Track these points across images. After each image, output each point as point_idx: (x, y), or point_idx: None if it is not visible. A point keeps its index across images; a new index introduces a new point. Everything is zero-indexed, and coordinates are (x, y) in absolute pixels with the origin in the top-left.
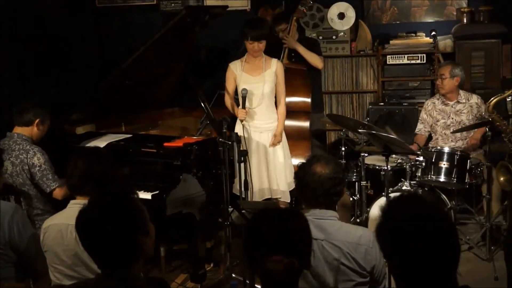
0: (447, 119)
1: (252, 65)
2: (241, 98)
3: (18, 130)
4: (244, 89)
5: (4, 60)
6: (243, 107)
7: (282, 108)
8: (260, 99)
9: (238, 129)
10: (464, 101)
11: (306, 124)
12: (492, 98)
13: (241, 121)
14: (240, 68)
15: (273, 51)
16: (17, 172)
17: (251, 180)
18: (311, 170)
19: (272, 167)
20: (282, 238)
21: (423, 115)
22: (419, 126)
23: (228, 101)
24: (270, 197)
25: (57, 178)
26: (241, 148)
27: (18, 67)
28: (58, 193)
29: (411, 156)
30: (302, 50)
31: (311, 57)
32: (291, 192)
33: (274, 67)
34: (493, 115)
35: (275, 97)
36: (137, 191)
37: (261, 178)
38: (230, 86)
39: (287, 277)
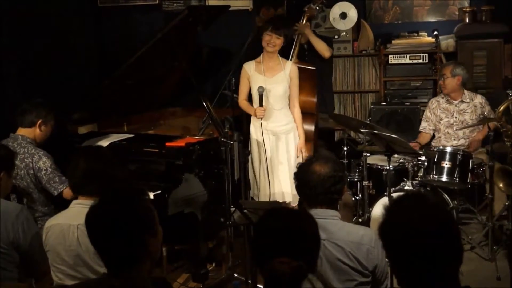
0: (451, 118)
1: (267, 66)
2: (257, 96)
3: (21, 131)
4: (260, 87)
5: (6, 59)
6: (261, 105)
7: (298, 112)
8: (276, 101)
9: (253, 129)
10: (468, 100)
11: (311, 123)
12: (500, 106)
13: (260, 119)
14: (254, 68)
15: (283, 49)
16: (21, 175)
17: (260, 181)
18: (310, 169)
19: (282, 170)
20: (293, 239)
21: (427, 113)
22: (423, 124)
23: (241, 102)
24: (278, 200)
25: (65, 179)
26: (253, 147)
27: (20, 67)
28: (67, 193)
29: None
30: (311, 36)
31: (319, 44)
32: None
33: (288, 69)
34: (502, 121)
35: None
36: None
37: (275, 181)
38: (243, 87)
39: (293, 279)
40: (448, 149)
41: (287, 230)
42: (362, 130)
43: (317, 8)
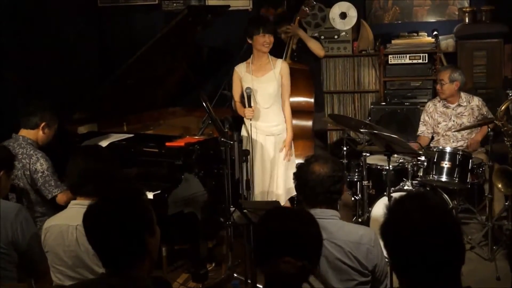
0: (448, 121)
1: (258, 66)
2: (245, 97)
3: (23, 132)
4: (248, 88)
5: (7, 59)
6: (249, 105)
7: (287, 111)
8: (265, 100)
9: (245, 129)
10: (465, 103)
11: (309, 123)
12: (501, 105)
13: (250, 119)
14: (244, 70)
15: (276, 52)
16: (18, 176)
17: (253, 180)
18: (309, 169)
19: (275, 170)
20: (297, 240)
21: (424, 117)
22: (421, 128)
23: (236, 103)
24: (271, 199)
25: (60, 184)
26: (246, 148)
27: (20, 67)
28: (61, 198)
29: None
30: (305, 37)
31: (313, 44)
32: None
33: (279, 68)
34: (503, 121)
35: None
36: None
37: (264, 181)
38: (236, 89)
39: (297, 279)
40: (448, 149)
41: (291, 231)
42: (361, 130)
43: (308, 9)
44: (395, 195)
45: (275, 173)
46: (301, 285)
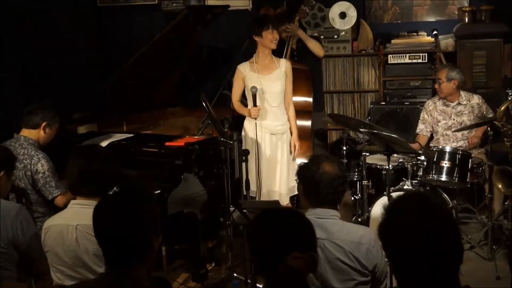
0: (448, 120)
1: (263, 65)
2: (251, 96)
3: (25, 132)
4: (253, 87)
5: (7, 60)
6: (254, 105)
7: (292, 110)
8: (273, 99)
9: (248, 128)
10: (465, 102)
11: (308, 123)
12: (501, 106)
13: (255, 119)
14: (248, 69)
15: (275, 52)
16: (19, 176)
17: (260, 180)
18: (320, 169)
19: (278, 169)
20: (295, 234)
21: (423, 115)
22: (420, 126)
23: (235, 103)
24: (275, 198)
25: (60, 185)
26: (248, 146)
27: (21, 67)
28: (60, 200)
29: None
30: (304, 37)
31: (313, 44)
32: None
33: (284, 67)
34: (503, 121)
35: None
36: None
37: (270, 180)
38: (237, 88)
39: (306, 272)
40: (448, 149)
41: (289, 227)
42: (361, 129)
43: (308, 9)
44: (395, 194)
45: (278, 172)
46: (306, 278)
